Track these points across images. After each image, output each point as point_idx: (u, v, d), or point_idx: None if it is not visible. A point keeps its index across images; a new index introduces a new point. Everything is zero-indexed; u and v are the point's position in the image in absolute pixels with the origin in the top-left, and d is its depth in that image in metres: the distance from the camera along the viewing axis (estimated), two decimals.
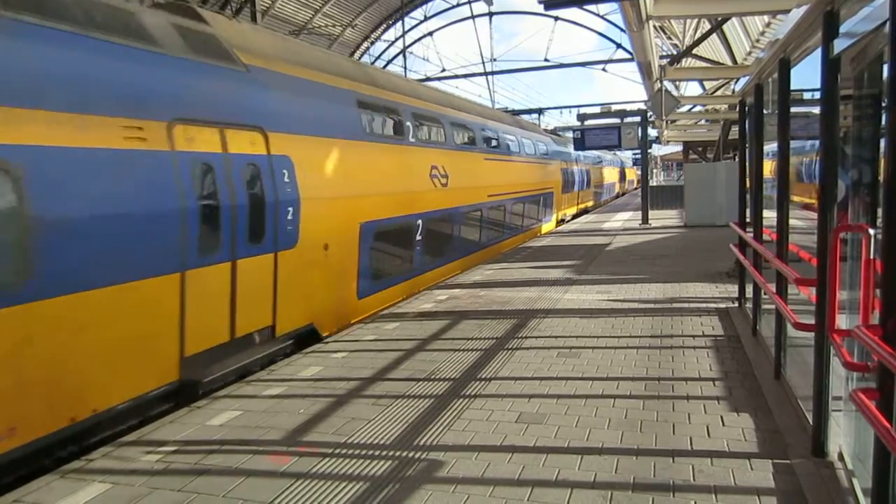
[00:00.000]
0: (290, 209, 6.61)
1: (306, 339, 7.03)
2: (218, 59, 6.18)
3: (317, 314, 7.24)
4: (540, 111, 31.95)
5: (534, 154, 18.91)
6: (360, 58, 32.74)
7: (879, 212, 2.52)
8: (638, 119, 20.33)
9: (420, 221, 10.03)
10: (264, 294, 6.31)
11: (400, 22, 30.77)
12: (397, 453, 3.77)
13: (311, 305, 7.12)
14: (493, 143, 15.15)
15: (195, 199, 5.39)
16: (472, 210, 12.93)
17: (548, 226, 20.31)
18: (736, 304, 7.36)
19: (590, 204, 30.42)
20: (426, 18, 34.32)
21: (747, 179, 7.22)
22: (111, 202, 4.69)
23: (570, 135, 26.63)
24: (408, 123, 10.14)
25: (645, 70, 14.20)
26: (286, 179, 6.59)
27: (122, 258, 4.76)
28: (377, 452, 3.79)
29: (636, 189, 56.20)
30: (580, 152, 24.79)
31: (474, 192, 12.91)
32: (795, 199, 4.61)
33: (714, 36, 17.21)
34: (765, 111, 5.82)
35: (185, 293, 5.24)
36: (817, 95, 3.48)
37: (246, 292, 5.96)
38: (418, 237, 10.07)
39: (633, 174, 59.04)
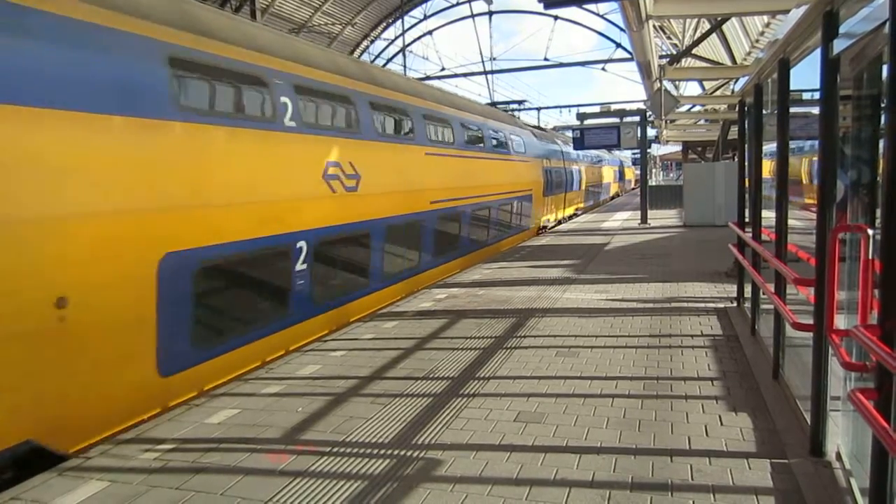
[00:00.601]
0: None
1: (27, 464, 4.10)
2: None
3: (44, 421, 4.23)
4: (520, 103, 29.61)
5: (506, 149, 15.68)
6: (359, 56, 32.72)
7: (878, 212, 2.52)
8: (637, 119, 20.34)
9: (304, 243, 6.91)
10: None
11: (400, 20, 30.81)
12: (395, 452, 3.77)
13: (25, 409, 4.14)
14: (442, 133, 11.84)
15: None
16: (406, 222, 9.67)
17: (524, 235, 17.28)
18: (734, 304, 7.37)
19: (580, 206, 27.78)
20: (426, 17, 34.35)
21: (746, 179, 7.23)
22: None
23: (569, 133, 26.46)
24: (283, 99, 6.81)
25: (644, 70, 14.20)
26: None
27: None
28: (375, 451, 3.79)
29: (635, 188, 54.66)
30: (571, 149, 23.62)
31: (408, 199, 9.72)
32: (808, 200, 4.61)
33: (713, 36, 17.23)
34: (764, 111, 5.83)
35: None
36: (817, 96, 3.49)
37: None
38: (300, 266, 6.90)
39: (631, 174, 56.68)
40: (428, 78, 30.31)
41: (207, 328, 5.85)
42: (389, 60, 34.23)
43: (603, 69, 31.29)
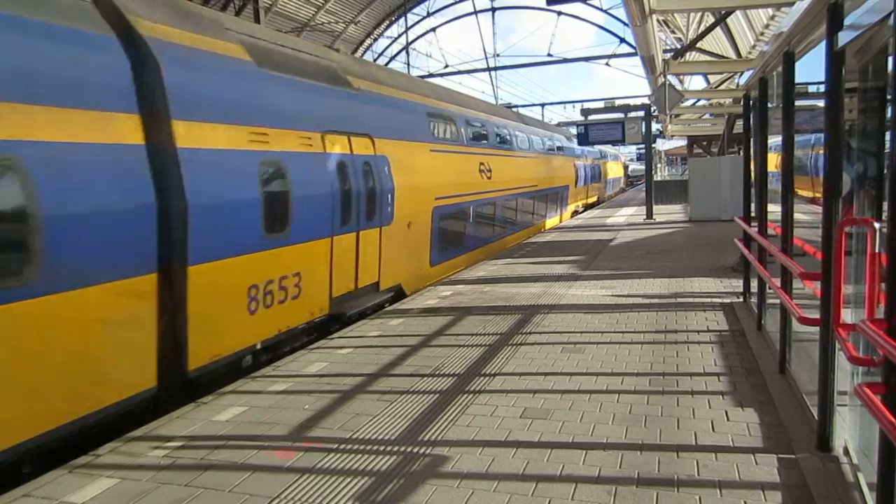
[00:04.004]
0: None
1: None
2: None
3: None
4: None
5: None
6: (362, 55, 32.74)
7: (885, 205, 2.51)
8: (641, 114, 20.26)
9: None
10: None
11: (403, 18, 30.79)
12: (402, 448, 3.78)
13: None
14: None
15: None
16: None
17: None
18: (740, 299, 7.35)
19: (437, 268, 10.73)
20: (429, 14, 34.28)
21: (752, 174, 7.20)
22: None
23: (573, 129, 24.50)
24: None
25: (648, 64, 14.13)
26: None
27: None
28: (382, 448, 3.81)
29: (626, 187, 45.65)
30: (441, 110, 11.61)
31: None
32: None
33: (718, 29, 17.13)
34: (769, 105, 5.80)
35: None
36: (822, 89, 3.47)
37: None
38: None
39: (619, 169, 41.29)
40: (431, 75, 30.27)
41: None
42: (393, 58, 34.24)
43: (607, 64, 31.18)
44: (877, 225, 2.59)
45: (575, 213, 24.38)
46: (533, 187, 17.36)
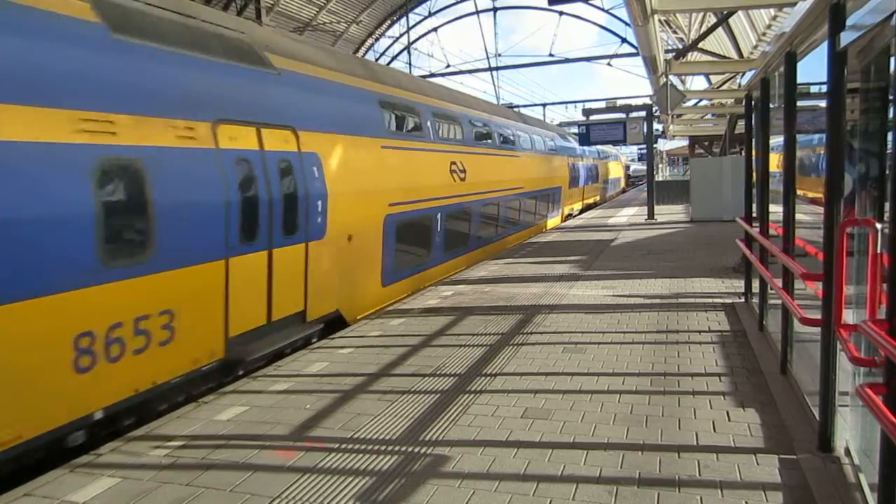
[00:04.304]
0: None
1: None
2: None
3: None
4: None
5: None
6: (364, 54, 32.79)
7: (887, 206, 2.51)
8: (643, 114, 20.25)
9: None
10: None
11: (404, 18, 30.83)
12: (403, 448, 3.79)
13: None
14: None
15: None
16: None
17: None
18: (742, 300, 7.34)
19: None
20: (430, 14, 34.30)
21: (753, 174, 7.19)
22: None
23: (574, 129, 24.40)
24: None
25: (650, 64, 14.14)
26: None
27: None
28: (383, 447, 3.81)
29: (627, 188, 44.59)
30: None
31: None
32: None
33: (720, 30, 17.13)
34: (771, 105, 5.79)
35: None
36: (824, 89, 3.46)
37: None
38: None
39: (619, 169, 40.28)
40: (433, 75, 30.28)
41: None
42: (394, 58, 34.27)
43: (609, 64, 31.16)
44: (878, 225, 2.58)
45: (569, 215, 22.62)
46: (517, 189, 15.52)
